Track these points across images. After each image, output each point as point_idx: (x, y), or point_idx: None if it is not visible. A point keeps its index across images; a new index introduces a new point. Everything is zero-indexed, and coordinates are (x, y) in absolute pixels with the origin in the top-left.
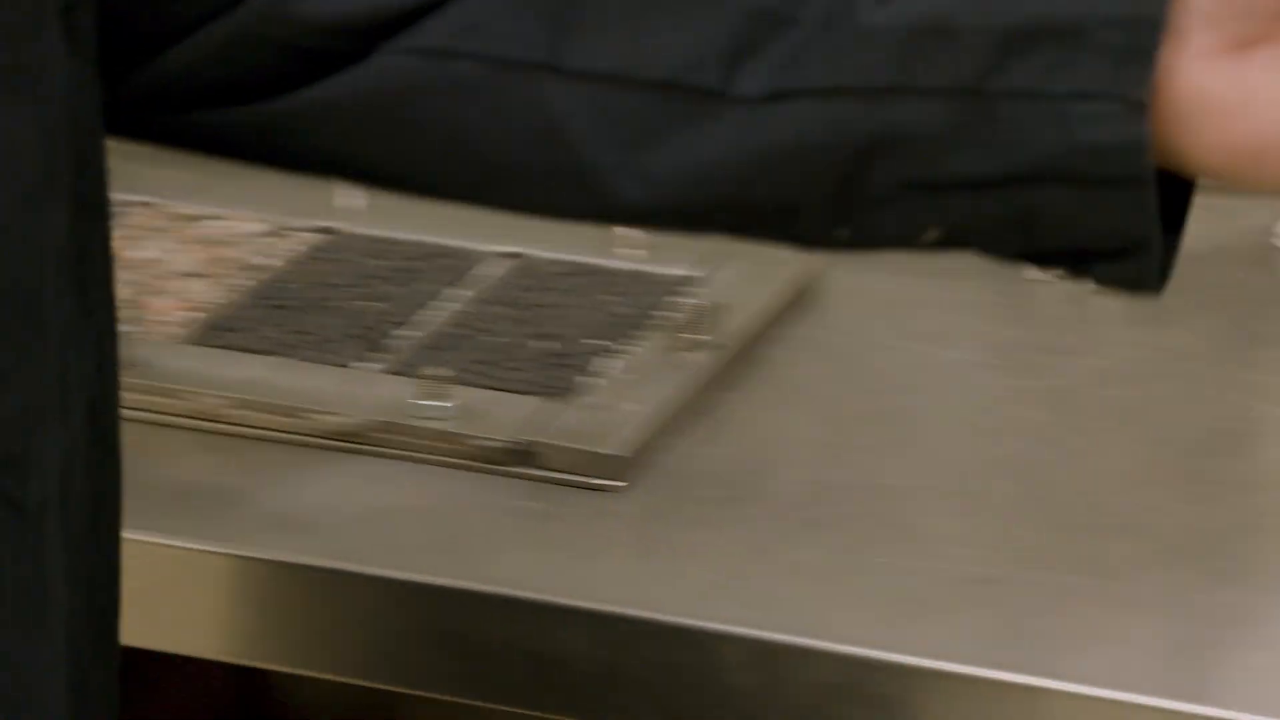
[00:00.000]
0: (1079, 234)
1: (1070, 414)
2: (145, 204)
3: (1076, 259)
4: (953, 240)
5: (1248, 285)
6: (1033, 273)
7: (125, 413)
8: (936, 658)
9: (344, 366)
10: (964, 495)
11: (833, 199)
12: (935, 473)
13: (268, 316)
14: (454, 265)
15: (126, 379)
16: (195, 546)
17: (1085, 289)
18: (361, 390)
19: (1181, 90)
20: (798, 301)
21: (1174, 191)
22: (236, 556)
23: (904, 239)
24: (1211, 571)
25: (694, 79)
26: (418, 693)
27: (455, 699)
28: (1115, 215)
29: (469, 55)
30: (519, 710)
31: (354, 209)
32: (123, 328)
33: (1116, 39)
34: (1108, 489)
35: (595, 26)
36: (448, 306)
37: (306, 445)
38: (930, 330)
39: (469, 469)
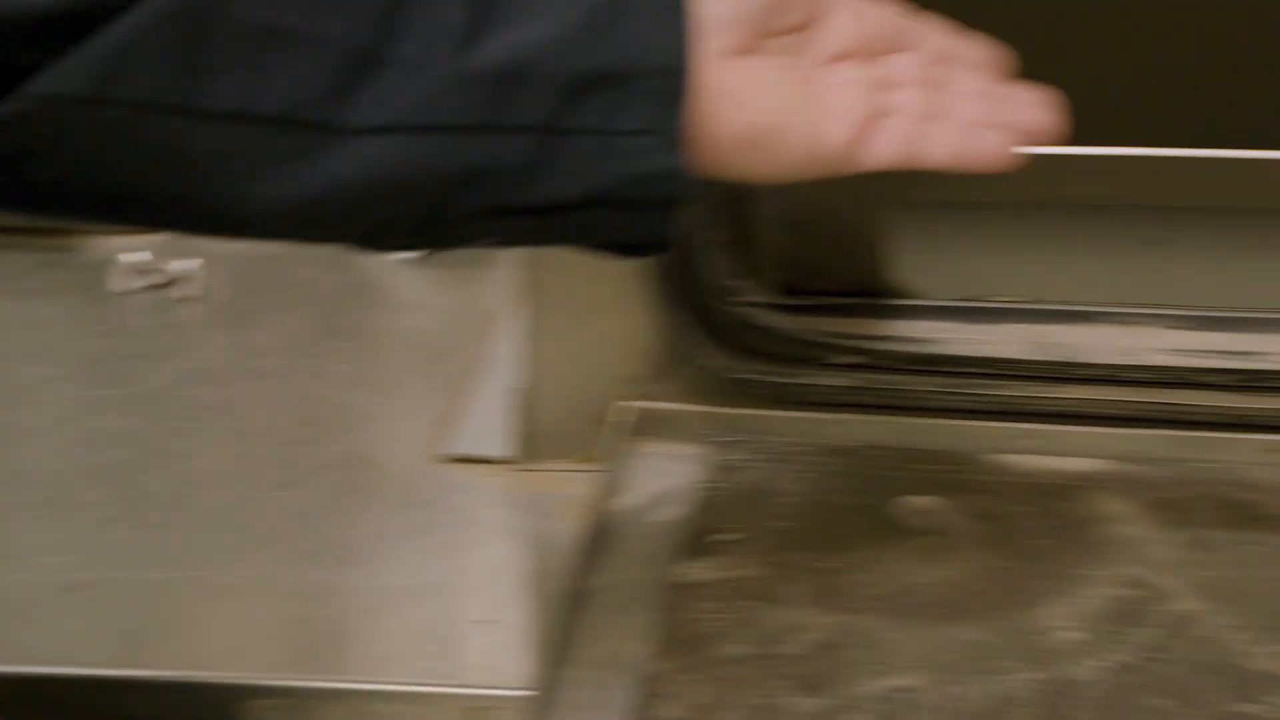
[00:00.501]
0: (616, 238)
1: (160, 417)
2: None
3: (597, 248)
4: (505, 244)
5: (320, 284)
6: (119, 283)
7: None
8: (40, 664)
9: None
10: (57, 505)
11: (421, 221)
12: (27, 486)
13: None
14: None
15: None
16: None
17: (169, 298)
18: None
19: (702, 80)
20: None
21: None
22: None
23: (463, 246)
24: (302, 552)
25: (304, 114)
26: None
27: None
28: (652, 227)
29: (113, 102)
30: None
31: None
32: None
33: (657, 85)
34: (200, 484)
35: (220, 68)
36: None
37: None
38: (15, 350)
39: None
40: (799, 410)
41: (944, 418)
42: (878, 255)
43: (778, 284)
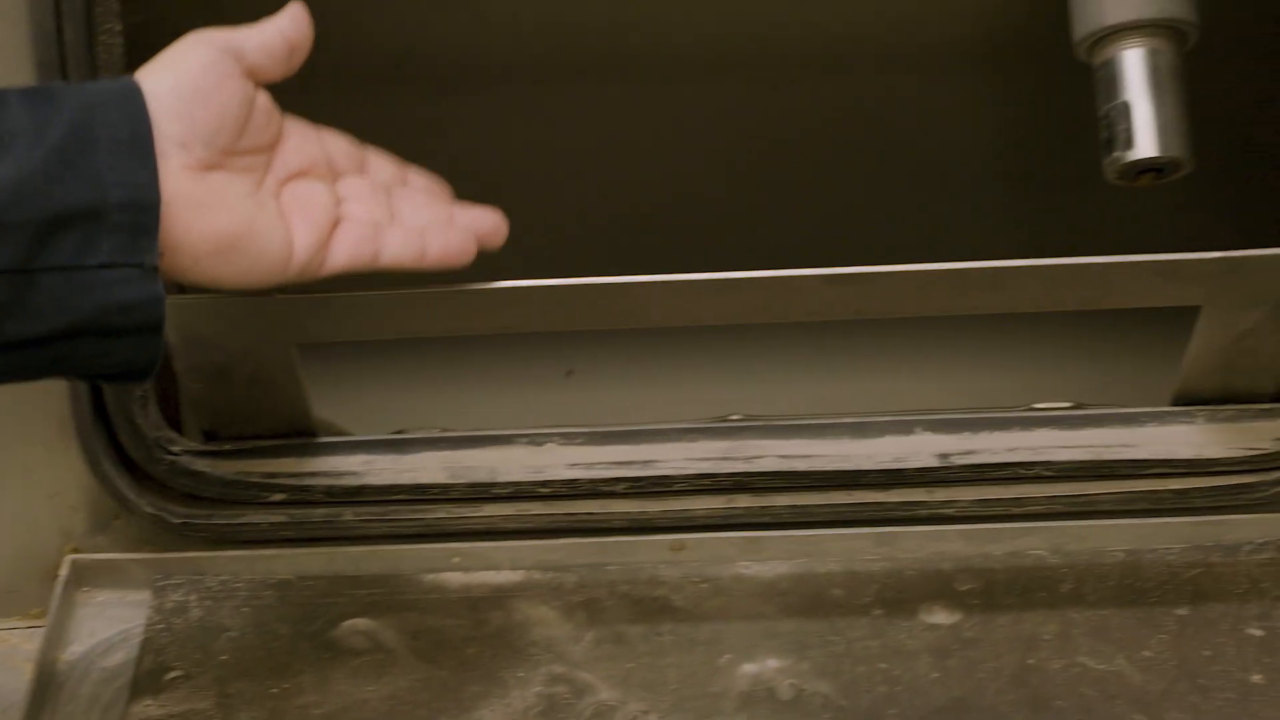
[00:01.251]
0: (103, 366)
1: None
2: None
3: (86, 378)
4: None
5: None
6: None
7: None
8: None
9: None
10: None
11: None
12: None
13: None
14: None
15: None
16: None
17: None
18: None
19: (171, 192)
20: None
21: None
22: None
23: None
24: None
25: None
26: None
27: None
28: (137, 352)
29: None
30: None
31: None
32: None
33: (128, 219)
34: None
35: None
36: None
37: None
38: None
39: None
40: (236, 549)
41: (374, 544)
42: (295, 397)
43: (203, 432)
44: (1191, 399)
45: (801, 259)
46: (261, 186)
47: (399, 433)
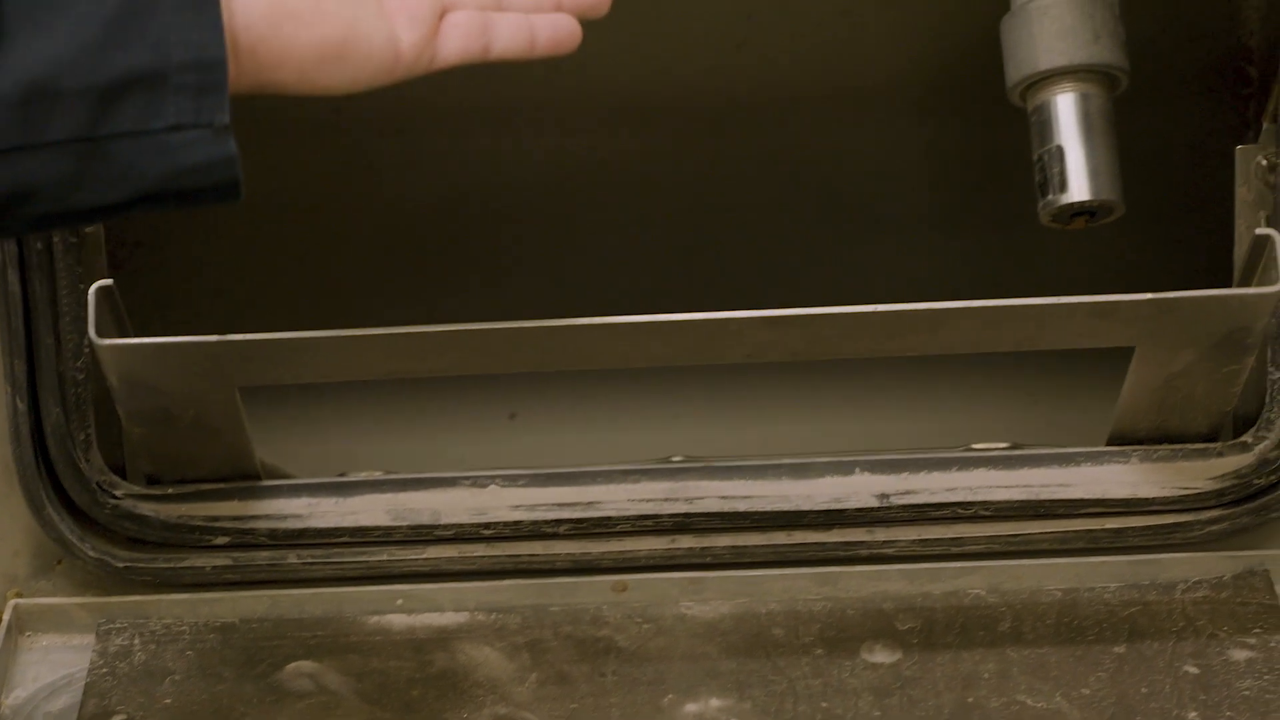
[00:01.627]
0: (187, 210)
1: None
2: None
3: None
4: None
5: None
6: None
7: None
8: None
9: None
10: None
11: None
12: None
13: None
14: None
15: None
16: None
17: None
18: None
19: (256, 10)
20: None
21: None
22: None
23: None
24: None
25: None
26: None
27: None
28: (217, 204)
29: None
30: None
31: None
32: None
33: (192, 79)
34: None
35: None
36: None
37: None
38: None
39: None
40: (180, 593)
41: (317, 586)
42: (238, 441)
43: (146, 476)
44: (1126, 439)
45: (740, 301)
46: None
47: (342, 475)
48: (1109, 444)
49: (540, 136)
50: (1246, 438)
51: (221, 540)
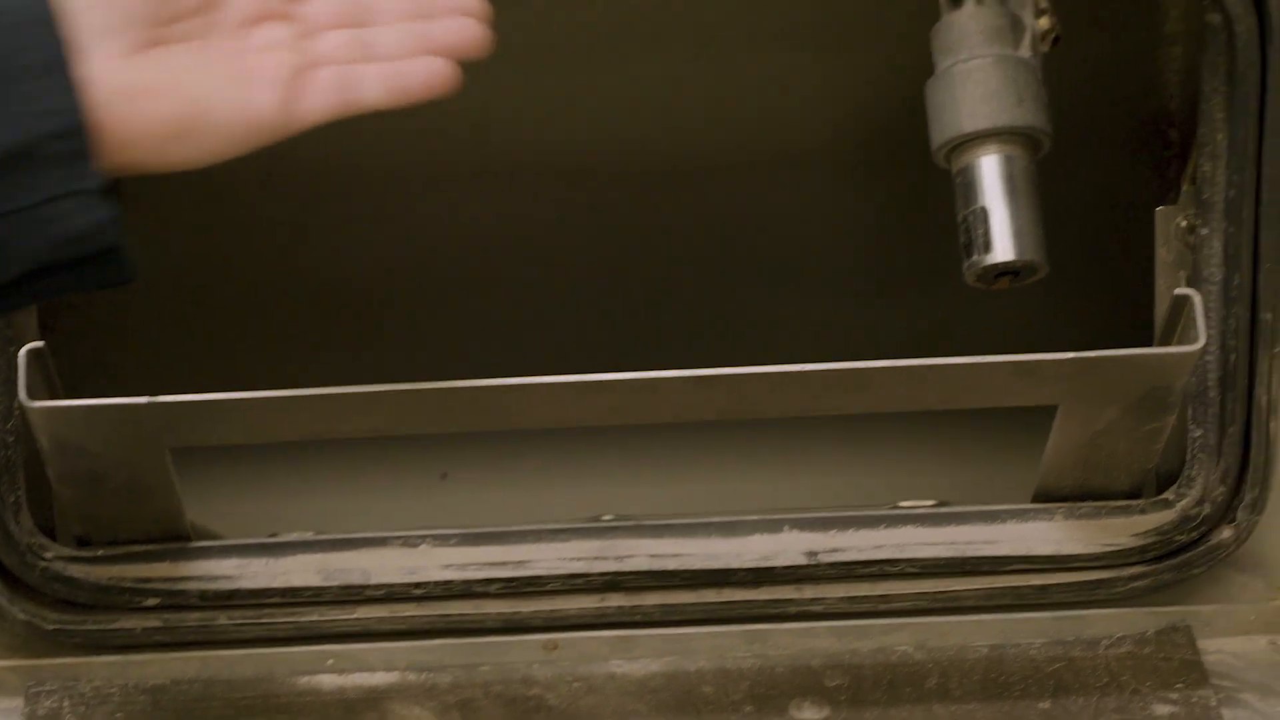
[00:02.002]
0: (81, 287)
1: None
2: None
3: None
4: None
5: None
6: None
7: None
8: None
9: None
10: None
11: None
12: None
13: None
14: None
15: None
16: None
17: None
18: None
19: (106, 88)
20: None
21: None
22: None
23: None
24: None
25: None
26: None
27: None
28: (107, 272)
29: None
30: None
31: None
32: None
33: (61, 148)
34: None
35: None
36: None
37: None
38: None
39: None
40: (110, 655)
41: (248, 648)
42: (168, 502)
43: (76, 537)
44: (1051, 496)
45: (672, 361)
46: (210, 50)
47: (273, 536)
48: (1034, 501)
49: (472, 200)
50: (1168, 495)
51: (152, 601)
